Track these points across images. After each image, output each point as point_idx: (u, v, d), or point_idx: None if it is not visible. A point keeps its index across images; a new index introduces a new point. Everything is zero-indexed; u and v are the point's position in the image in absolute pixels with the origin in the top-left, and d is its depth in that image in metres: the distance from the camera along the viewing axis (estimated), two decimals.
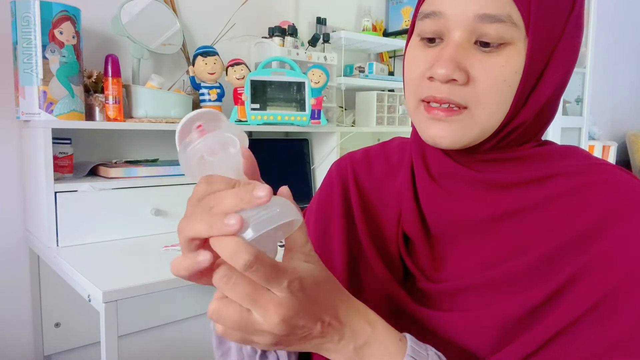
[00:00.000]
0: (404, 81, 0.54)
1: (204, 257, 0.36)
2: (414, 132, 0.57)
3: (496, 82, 0.47)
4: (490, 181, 0.51)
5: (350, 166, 0.65)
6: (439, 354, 0.45)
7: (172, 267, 0.38)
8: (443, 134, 0.49)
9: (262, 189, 0.36)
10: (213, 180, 0.39)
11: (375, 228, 0.59)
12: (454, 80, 0.47)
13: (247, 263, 0.34)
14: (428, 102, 0.50)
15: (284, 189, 0.42)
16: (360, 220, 0.60)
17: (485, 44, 0.46)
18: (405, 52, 0.54)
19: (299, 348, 0.41)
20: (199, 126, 0.42)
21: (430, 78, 0.48)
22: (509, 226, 0.50)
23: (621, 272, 0.44)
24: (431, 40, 0.50)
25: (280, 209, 0.38)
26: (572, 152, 0.53)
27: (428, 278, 0.54)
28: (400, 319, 0.53)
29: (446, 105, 0.48)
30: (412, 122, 0.58)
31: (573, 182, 0.50)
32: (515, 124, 0.49)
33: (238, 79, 1.61)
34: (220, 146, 0.41)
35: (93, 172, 1.45)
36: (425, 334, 0.51)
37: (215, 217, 0.36)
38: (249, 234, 0.36)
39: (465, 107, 0.48)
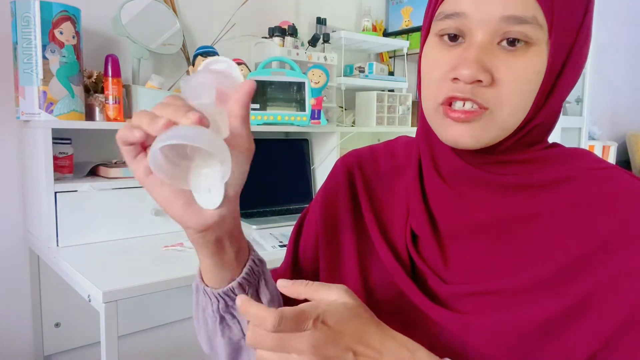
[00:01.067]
0: (419, 82, 0.53)
1: (138, 132, 0.41)
2: (421, 132, 0.57)
3: (520, 84, 0.47)
4: (500, 183, 0.51)
5: (356, 162, 0.65)
6: None
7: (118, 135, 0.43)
8: (463, 133, 0.48)
9: (193, 113, 0.40)
10: (173, 98, 0.43)
11: (383, 222, 0.59)
12: (479, 81, 0.46)
13: (274, 324, 0.39)
14: (449, 105, 0.49)
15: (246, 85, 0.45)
16: (369, 214, 0.60)
17: (511, 43, 0.46)
18: (421, 53, 0.53)
19: None
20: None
21: (455, 79, 0.48)
22: (523, 231, 0.50)
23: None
24: (452, 38, 0.49)
25: (193, 133, 0.40)
26: (581, 155, 0.53)
27: (437, 276, 0.53)
28: (411, 315, 0.53)
29: (469, 105, 0.48)
30: (419, 122, 0.57)
31: (584, 188, 0.50)
32: (534, 124, 0.49)
33: None
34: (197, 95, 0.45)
35: (93, 172, 1.45)
36: (436, 333, 0.50)
37: (153, 118, 0.41)
38: (157, 144, 0.39)
39: (486, 108, 0.48)
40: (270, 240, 1.37)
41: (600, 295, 0.45)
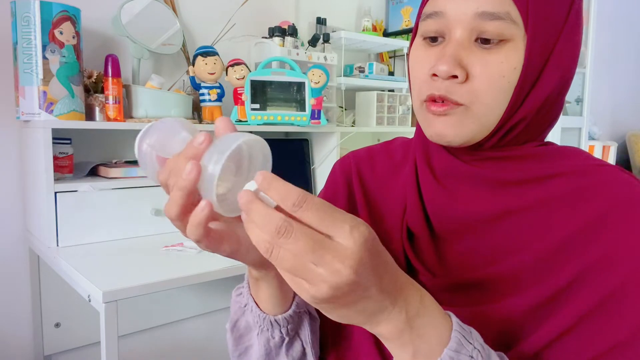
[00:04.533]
0: (409, 81, 0.55)
1: (202, 207, 0.39)
2: (418, 132, 0.58)
3: (495, 79, 0.48)
4: (493, 179, 0.52)
5: (353, 164, 0.66)
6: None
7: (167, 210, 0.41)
8: (443, 127, 0.50)
9: (199, 135, 0.39)
10: (168, 163, 0.42)
11: (379, 224, 0.60)
12: (455, 77, 0.48)
13: (296, 202, 0.34)
14: (430, 101, 0.51)
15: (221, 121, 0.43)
16: (365, 216, 0.61)
17: (485, 41, 0.48)
18: (409, 54, 0.56)
19: (347, 314, 0.38)
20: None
21: (433, 76, 0.50)
22: (511, 223, 0.51)
23: (623, 272, 0.45)
24: (433, 39, 0.51)
25: (227, 140, 0.39)
26: (573, 153, 0.54)
27: (432, 274, 0.54)
28: None
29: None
30: (416, 122, 0.59)
31: (575, 181, 0.51)
32: (515, 120, 0.50)
33: (238, 79, 1.61)
34: (168, 138, 0.43)
35: (93, 172, 1.45)
36: None
37: (177, 177, 0.39)
38: (213, 170, 0.37)
39: (461, 105, 0.49)
40: None
41: (581, 280, 0.46)
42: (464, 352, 0.39)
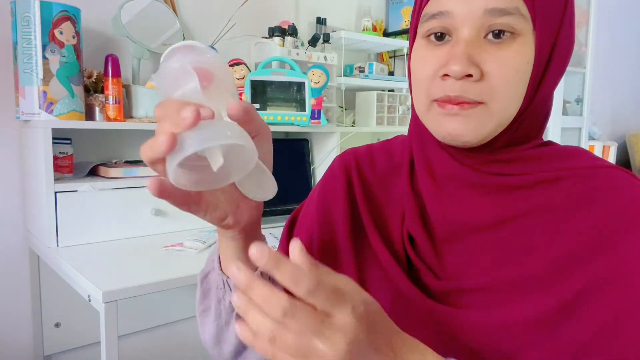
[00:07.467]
0: (410, 84, 0.54)
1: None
2: (414, 135, 0.57)
3: (509, 74, 0.47)
4: (494, 184, 0.51)
5: (353, 159, 0.65)
6: None
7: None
8: (460, 128, 0.48)
9: (187, 110, 0.36)
10: (163, 104, 0.40)
11: (380, 221, 0.59)
12: (469, 76, 0.47)
13: (309, 288, 0.34)
14: (443, 102, 0.49)
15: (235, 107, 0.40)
16: (365, 211, 0.60)
17: (497, 35, 0.47)
18: (410, 56, 0.54)
19: None
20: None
21: (444, 76, 0.48)
22: (515, 228, 0.50)
23: (636, 285, 0.44)
24: (439, 38, 0.49)
25: (216, 132, 0.37)
26: (577, 154, 0.53)
27: (434, 274, 0.54)
28: (406, 311, 0.53)
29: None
30: (410, 125, 0.57)
31: (581, 186, 0.49)
32: (527, 115, 0.50)
33: (238, 79, 1.61)
34: (177, 80, 0.41)
35: (93, 172, 1.45)
36: (430, 327, 0.50)
37: (154, 139, 0.38)
38: (179, 155, 0.36)
39: (480, 103, 0.48)
40: (270, 240, 1.37)
41: (589, 294, 0.45)
42: None
